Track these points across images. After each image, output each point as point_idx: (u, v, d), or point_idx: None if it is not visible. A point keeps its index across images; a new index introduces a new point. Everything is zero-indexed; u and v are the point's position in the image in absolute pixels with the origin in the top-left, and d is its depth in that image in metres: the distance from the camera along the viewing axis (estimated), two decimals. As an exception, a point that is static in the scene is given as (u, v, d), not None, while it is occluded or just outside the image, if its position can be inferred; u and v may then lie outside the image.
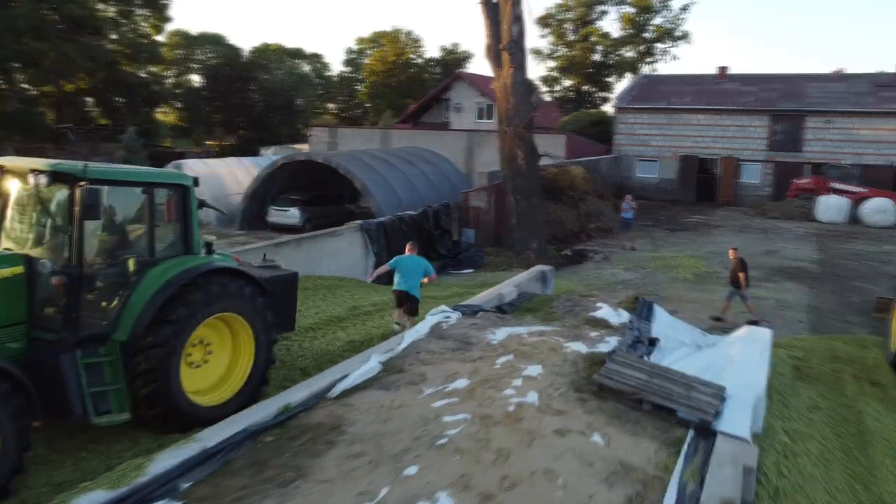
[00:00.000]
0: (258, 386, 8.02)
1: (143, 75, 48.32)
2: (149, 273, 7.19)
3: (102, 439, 6.91)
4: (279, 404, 6.77)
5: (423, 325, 9.52)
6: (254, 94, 49.22)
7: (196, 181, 7.87)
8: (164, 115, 61.49)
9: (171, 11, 51.65)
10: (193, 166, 27.85)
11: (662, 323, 11.12)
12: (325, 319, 11.54)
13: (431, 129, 40.93)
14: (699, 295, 17.46)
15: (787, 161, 34.58)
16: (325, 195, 26.98)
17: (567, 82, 73.02)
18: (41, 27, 31.69)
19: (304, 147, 39.86)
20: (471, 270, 19.66)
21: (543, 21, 68.61)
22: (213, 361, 7.81)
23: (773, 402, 8.64)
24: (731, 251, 15.38)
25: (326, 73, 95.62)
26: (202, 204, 8.00)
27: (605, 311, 11.09)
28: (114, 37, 45.16)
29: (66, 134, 40.76)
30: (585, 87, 69.42)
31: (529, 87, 20.10)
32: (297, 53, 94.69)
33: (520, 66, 19.58)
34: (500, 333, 9.56)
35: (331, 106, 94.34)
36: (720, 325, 15.17)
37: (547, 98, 73.62)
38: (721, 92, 38.03)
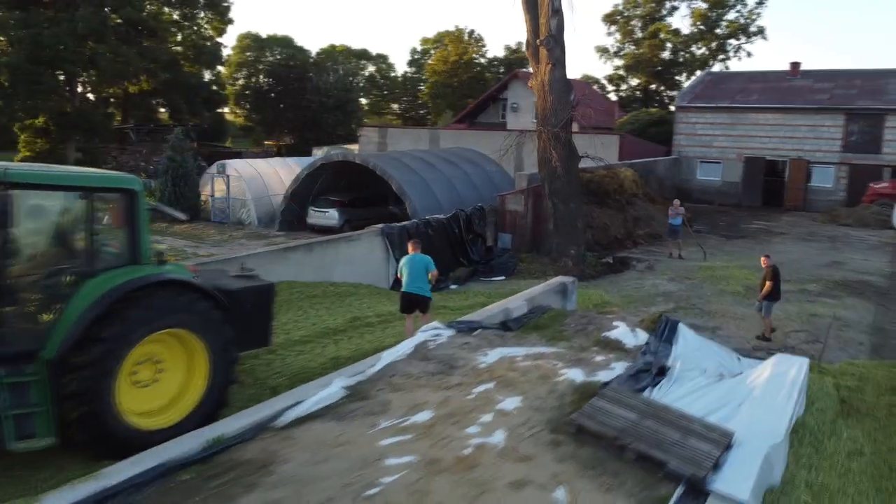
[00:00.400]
0: (214, 408, 7.38)
1: (207, 77, 49.22)
2: (86, 285, 6.65)
3: (26, 464, 6.39)
4: (211, 435, 6.09)
5: (408, 344, 8.70)
6: (308, 94, 49.43)
7: (146, 186, 7.26)
8: (235, 115, 62.78)
9: (233, 14, 52.53)
10: (237, 166, 27.90)
11: (687, 346, 9.93)
12: (320, 332, 10.86)
13: (486, 129, 40.05)
14: (747, 311, 15.97)
15: (864, 163, 31.99)
16: (365, 196, 26.46)
17: (634, 81, 70.80)
18: (101, 31, 32.46)
19: (355, 147, 39.66)
20: (502, 278, 18.70)
21: (610, 18, 66.67)
22: (164, 381, 7.22)
23: (804, 445, 7.42)
24: (763, 259, 14.03)
25: (392, 74, 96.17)
26: (156, 209, 7.42)
27: (620, 332, 9.99)
28: (177, 39, 46.23)
29: (128, 134, 41.84)
30: (653, 86, 67.10)
31: (568, 84, 18.95)
32: (363, 54, 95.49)
33: (558, 63, 18.47)
34: (492, 355, 8.64)
35: (395, 106, 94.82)
36: (767, 345, 13.75)
37: (612, 97, 71.60)
38: (792, 89, 35.62)
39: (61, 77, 34.91)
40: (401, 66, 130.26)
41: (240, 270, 9.08)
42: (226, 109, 54.51)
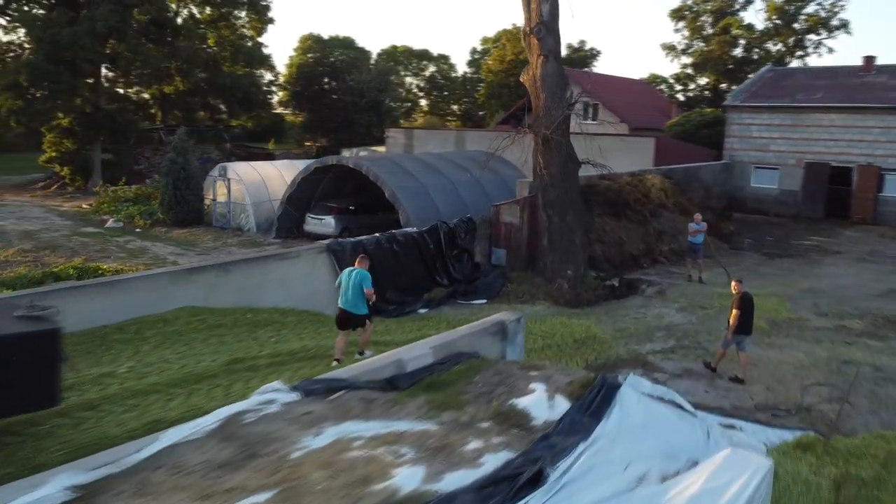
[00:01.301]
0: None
1: (260, 76, 48.56)
2: None
3: None
4: None
5: (214, 417, 6.58)
6: (342, 94, 48.06)
7: None
8: (295, 116, 62.28)
9: (272, 13, 51.80)
10: (238, 169, 26.53)
11: (625, 421, 7.40)
12: (179, 378, 8.87)
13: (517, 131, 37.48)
14: (766, 353, 13.11)
15: (947, 171, 27.78)
16: (366, 203, 24.53)
17: (703, 80, 66.57)
18: (121, 29, 31.83)
19: (383, 149, 37.93)
20: (483, 301, 16.36)
21: (677, 14, 62.83)
22: None
23: None
24: (734, 284, 12.06)
25: (452, 75, 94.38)
26: None
27: (533, 399, 7.56)
28: (213, 38, 45.69)
29: (159, 135, 41.46)
30: (723, 85, 62.74)
31: (563, 80, 16.39)
32: (424, 55, 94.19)
33: (551, 54, 15.97)
34: (327, 436, 6.40)
35: (455, 107, 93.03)
36: (772, 405, 10.97)
37: (680, 97, 67.49)
38: (864, 86, 31.51)
39: (89, 79, 34.52)
40: (462, 67, 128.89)
41: (27, 309, 7.18)
42: (282, 110, 53.90)
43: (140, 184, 32.59)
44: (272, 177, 26.73)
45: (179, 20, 35.41)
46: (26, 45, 32.52)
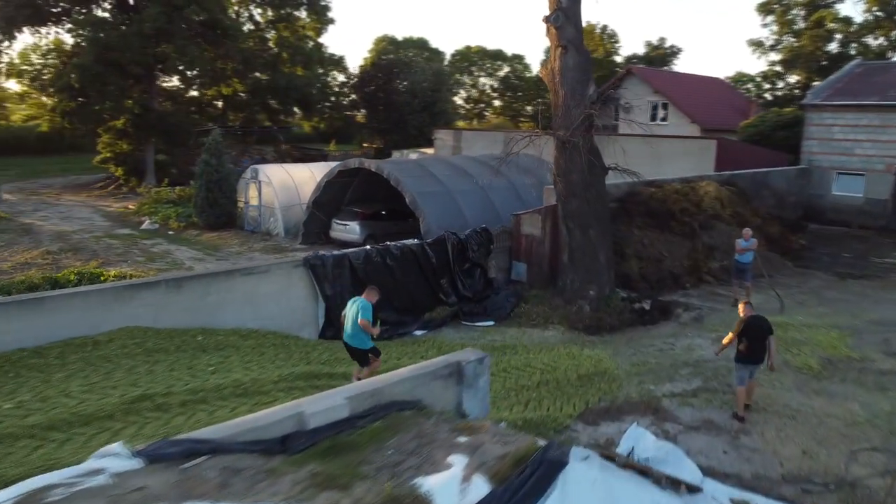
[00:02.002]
0: None
1: (311, 77, 48.32)
2: None
3: None
4: None
5: (11, 492, 5.24)
6: (396, 95, 46.98)
7: None
8: (360, 118, 62.07)
9: (332, 13, 51.42)
10: (269, 171, 25.69)
11: (568, 511, 5.70)
12: (71, 417, 7.65)
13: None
14: (810, 401, 10.83)
15: None
16: (398, 208, 23.13)
17: (793, 78, 61.99)
18: (168, 30, 31.78)
19: (431, 151, 36.55)
20: (490, 323, 14.61)
21: (765, 7, 58.66)
22: None
23: None
24: (741, 305, 10.50)
25: (527, 75, 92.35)
26: None
27: (444, 479, 5.85)
28: (274, 39, 45.60)
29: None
30: (816, 83, 58.08)
31: (586, 74, 14.41)
32: (498, 55, 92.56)
33: (570, 45, 14.03)
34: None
35: (529, 108, 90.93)
36: (809, 479, 8.79)
37: (767, 97, 63.11)
38: (969, 83, 27.66)
39: (138, 80, 34.72)
40: (536, 67, 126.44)
41: None
42: (354, 112, 53.63)
43: (187, 185, 32.43)
44: (305, 180, 25.73)
45: (230, 22, 35.03)
46: (81, 47, 32.83)
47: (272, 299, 12.03)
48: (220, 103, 47.16)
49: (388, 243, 14.29)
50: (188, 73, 36.06)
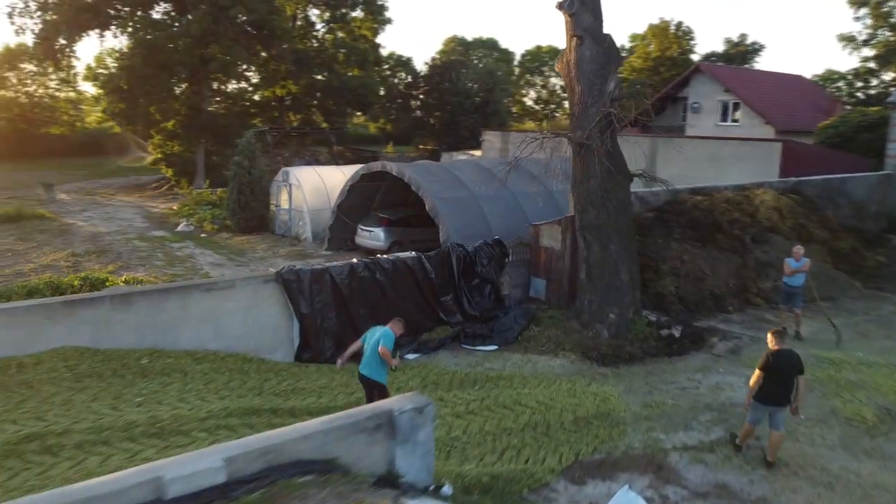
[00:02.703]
0: None
1: (366, 78, 47.80)
2: None
3: None
4: None
5: None
6: (449, 96, 45.66)
7: None
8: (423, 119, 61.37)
9: (389, 13, 50.66)
10: (298, 174, 24.86)
11: None
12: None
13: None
14: (857, 465, 8.82)
15: None
16: (425, 214, 21.83)
17: (888, 75, 57.28)
18: (215, 31, 31.62)
19: (479, 153, 35.10)
20: (493, 348, 13.05)
21: (858, 0, 54.31)
22: None
23: None
24: (770, 335, 8.87)
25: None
26: None
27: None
28: (330, 40, 45.23)
29: (265, 137, 41.36)
30: (916, 80, 53.47)
31: (605, 67, 12.63)
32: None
33: (587, 34, 12.29)
34: None
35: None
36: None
37: (860, 95, 58.53)
38: None
39: (185, 82, 34.81)
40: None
41: None
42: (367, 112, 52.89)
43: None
44: (337, 183, 24.70)
45: (278, 22, 34.64)
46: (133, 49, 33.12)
47: (238, 318, 10.92)
48: (275, 104, 47.23)
49: (379, 256, 12.96)
50: (235, 74, 35.84)
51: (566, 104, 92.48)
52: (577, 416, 9.99)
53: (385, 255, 13.07)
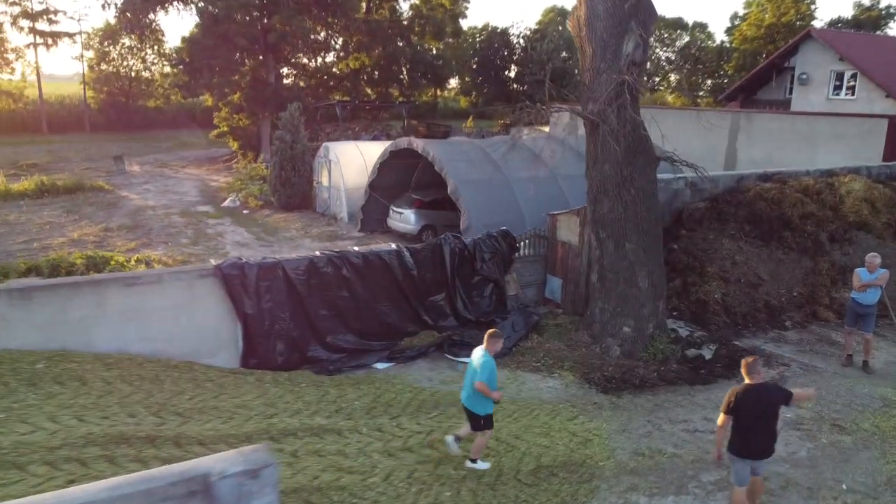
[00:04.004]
0: None
1: (442, 50, 45.99)
2: None
3: None
4: None
5: None
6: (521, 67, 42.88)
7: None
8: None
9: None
10: (338, 149, 23.47)
11: None
12: None
13: (746, 109, 29.56)
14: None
15: None
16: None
17: None
18: (276, 2, 30.71)
19: (547, 129, 32.57)
20: (479, 360, 11.06)
21: None
22: None
23: None
24: (743, 364, 6.80)
25: (710, 44, 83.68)
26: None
27: None
28: (405, 11, 43.68)
29: (334, 110, 40.56)
30: None
31: (622, 25, 10.14)
32: (677, 23, 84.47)
33: (600, -15, 9.89)
34: None
35: (709, 82, 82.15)
36: None
37: None
38: None
39: (245, 53, 34.22)
40: (720, 36, 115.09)
41: None
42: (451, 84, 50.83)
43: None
44: (375, 157, 23.22)
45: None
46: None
47: (168, 317, 9.56)
48: (350, 77, 46.21)
49: (349, 248, 11.22)
50: (299, 45, 34.93)
51: (672, 77, 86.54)
52: (540, 465, 7.95)
53: (353, 251, 11.30)
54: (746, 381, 6.60)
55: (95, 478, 6.58)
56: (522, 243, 13.13)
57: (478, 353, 7.65)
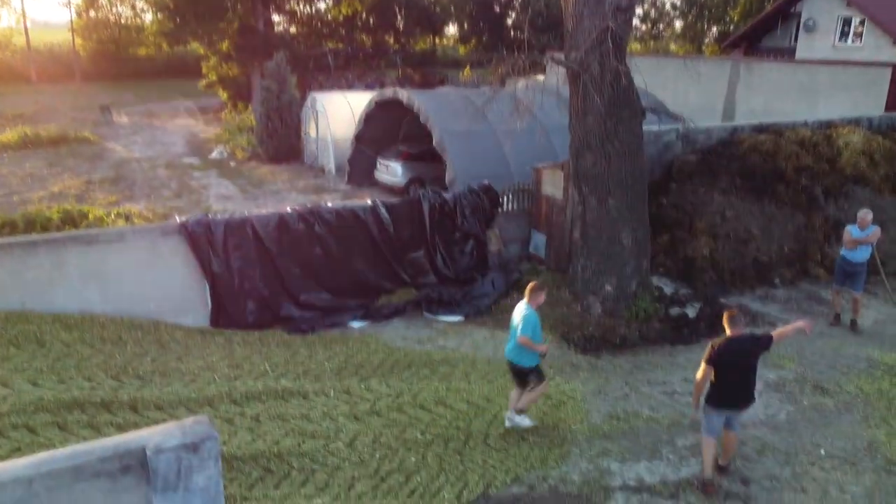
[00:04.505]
0: None
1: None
2: None
3: None
4: None
5: None
6: (521, 13, 41.64)
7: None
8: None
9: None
10: (325, 100, 22.81)
11: None
12: None
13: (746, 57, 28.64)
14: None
15: None
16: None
17: None
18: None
19: (542, 77, 31.64)
20: (457, 318, 10.81)
21: None
22: None
23: None
24: (726, 317, 6.79)
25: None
26: None
27: None
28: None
29: (326, 59, 39.55)
30: None
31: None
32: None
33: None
34: None
35: (715, 29, 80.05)
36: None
37: None
38: None
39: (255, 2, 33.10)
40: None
41: None
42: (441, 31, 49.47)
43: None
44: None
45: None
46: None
47: (131, 276, 9.25)
48: (344, 25, 44.90)
49: (322, 204, 10.83)
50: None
51: (678, 24, 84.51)
52: (510, 429, 7.73)
53: (326, 206, 10.90)
54: (728, 332, 6.60)
55: (44, 446, 6.37)
56: (506, 198, 12.72)
57: (520, 307, 7.51)
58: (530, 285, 7.57)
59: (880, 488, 6.80)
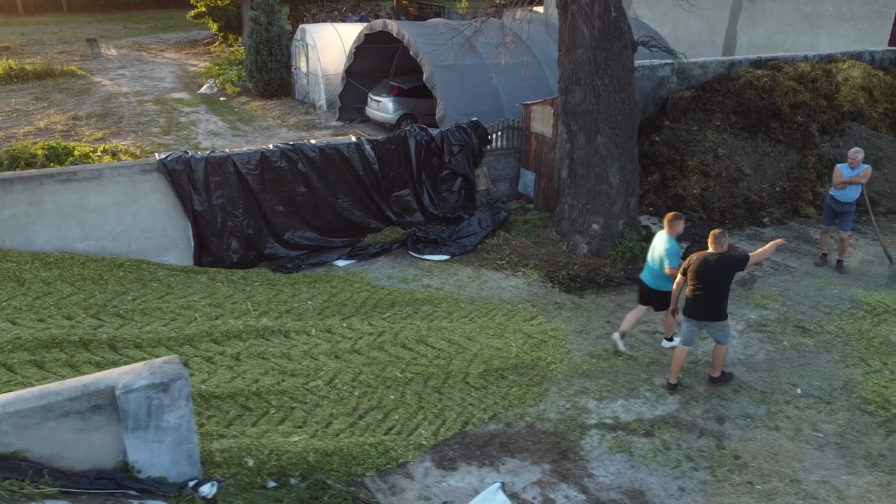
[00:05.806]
0: None
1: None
2: None
3: None
4: None
5: None
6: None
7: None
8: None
9: None
10: (315, 32, 22.14)
11: None
12: None
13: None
14: (843, 481, 6.27)
15: None
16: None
17: None
18: None
19: (541, 9, 30.65)
20: (443, 258, 10.76)
21: None
22: None
23: None
24: (711, 236, 7.14)
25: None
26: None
27: None
28: None
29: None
30: None
31: None
32: None
33: None
34: None
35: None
36: None
37: None
38: None
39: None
40: None
41: None
42: None
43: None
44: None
45: None
46: None
47: (111, 214, 9.14)
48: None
49: (306, 142, 10.62)
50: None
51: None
52: (490, 367, 7.77)
53: (309, 144, 10.68)
54: (710, 248, 7.01)
55: (21, 385, 6.40)
56: (495, 135, 12.48)
57: (661, 237, 7.69)
58: (669, 215, 7.70)
59: (853, 426, 6.88)
